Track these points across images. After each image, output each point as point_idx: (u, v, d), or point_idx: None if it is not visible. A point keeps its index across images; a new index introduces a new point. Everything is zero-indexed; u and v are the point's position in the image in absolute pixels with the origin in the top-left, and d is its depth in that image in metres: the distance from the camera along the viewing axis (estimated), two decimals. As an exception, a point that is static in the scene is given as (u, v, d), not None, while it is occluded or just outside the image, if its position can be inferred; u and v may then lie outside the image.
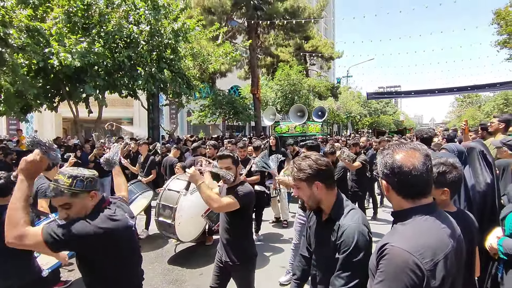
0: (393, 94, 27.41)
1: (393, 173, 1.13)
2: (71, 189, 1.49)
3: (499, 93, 35.39)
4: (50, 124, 19.74)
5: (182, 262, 4.42)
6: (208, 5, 17.06)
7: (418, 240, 1.05)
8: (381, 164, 1.19)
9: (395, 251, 1.04)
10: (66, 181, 1.49)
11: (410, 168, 1.11)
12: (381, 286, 1.05)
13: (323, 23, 50.95)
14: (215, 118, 18.23)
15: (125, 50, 8.25)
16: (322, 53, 24.04)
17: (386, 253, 1.06)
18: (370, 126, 38.25)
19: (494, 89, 22.54)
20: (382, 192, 7.20)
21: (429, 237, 1.07)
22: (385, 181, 1.18)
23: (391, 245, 1.06)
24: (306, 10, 19.21)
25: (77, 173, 1.53)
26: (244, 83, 23.67)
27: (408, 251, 1.01)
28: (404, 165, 1.11)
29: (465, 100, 57.05)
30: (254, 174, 4.89)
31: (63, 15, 7.49)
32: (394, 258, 1.03)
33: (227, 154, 2.46)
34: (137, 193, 5.23)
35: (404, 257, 1.01)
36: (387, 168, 1.15)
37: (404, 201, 1.16)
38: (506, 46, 19.84)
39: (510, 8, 17.91)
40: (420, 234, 1.07)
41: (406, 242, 1.04)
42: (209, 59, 12.31)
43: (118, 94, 9.22)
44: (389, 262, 1.04)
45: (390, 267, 1.03)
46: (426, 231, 1.09)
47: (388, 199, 1.23)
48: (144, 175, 5.87)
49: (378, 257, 1.10)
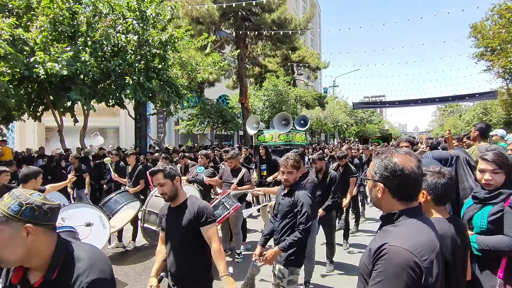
0: (378, 104, 28.11)
1: (394, 175, 1.16)
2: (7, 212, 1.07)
3: (478, 103, 36.80)
4: (33, 133, 19.20)
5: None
6: (197, 15, 17.21)
7: (415, 240, 1.08)
8: (379, 167, 1.21)
9: (395, 250, 1.05)
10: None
11: (410, 171, 1.15)
12: (380, 286, 1.05)
13: (310, 34, 52.12)
14: (204, 127, 18.19)
15: (114, 59, 8.19)
16: (309, 63, 24.49)
17: (385, 253, 1.07)
18: (356, 135, 38.93)
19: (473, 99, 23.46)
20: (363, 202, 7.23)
21: (422, 237, 1.10)
22: (382, 183, 1.19)
23: (390, 245, 1.07)
24: (293, 22, 19.63)
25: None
26: (232, 92, 23.79)
27: (408, 250, 1.04)
28: (405, 168, 1.16)
29: (446, 110, 59.00)
30: (246, 183, 4.90)
31: (48, 23, 7.39)
32: (394, 257, 1.04)
33: (157, 170, 2.21)
34: (122, 203, 5.11)
35: (405, 255, 1.03)
36: (388, 171, 1.18)
37: (397, 203, 1.19)
38: (483, 58, 20.77)
39: (486, 22, 18.84)
40: (414, 234, 1.10)
41: (405, 242, 1.07)
42: (197, 69, 12.35)
43: (104, 103, 9.10)
44: (389, 261, 1.05)
45: (390, 267, 1.04)
46: (419, 231, 1.13)
47: (378, 203, 1.25)
48: (131, 185, 5.77)
49: (375, 258, 1.10)
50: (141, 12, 8.48)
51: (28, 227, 1.09)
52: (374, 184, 1.23)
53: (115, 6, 8.24)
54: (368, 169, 1.31)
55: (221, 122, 18.11)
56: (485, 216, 1.98)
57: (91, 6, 8.16)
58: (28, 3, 7.42)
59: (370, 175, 1.26)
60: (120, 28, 8.40)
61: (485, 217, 1.97)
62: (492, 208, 1.96)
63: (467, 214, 2.12)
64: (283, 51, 22.74)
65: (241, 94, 19.21)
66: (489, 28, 18.69)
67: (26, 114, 8.55)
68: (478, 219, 2.01)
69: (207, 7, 16.73)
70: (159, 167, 2.24)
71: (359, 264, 1.23)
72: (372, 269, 1.10)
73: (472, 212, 2.07)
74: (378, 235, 1.22)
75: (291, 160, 2.65)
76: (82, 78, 8.02)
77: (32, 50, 7.08)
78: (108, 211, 4.97)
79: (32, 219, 1.10)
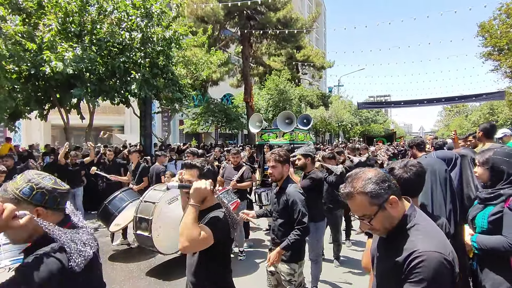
0: (384, 104, 27.94)
1: (389, 179, 1.24)
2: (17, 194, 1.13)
3: (485, 103, 36.38)
4: (39, 131, 19.42)
5: (163, 275, 4.19)
6: (202, 14, 17.25)
7: (437, 239, 1.15)
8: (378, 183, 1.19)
9: (429, 255, 1.09)
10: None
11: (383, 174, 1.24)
12: None
13: (315, 34, 51.91)
14: (208, 126, 18.22)
15: (119, 56, 8.24)
16: (314, 62, 24.40)
17: (421, 260, 1.09)
18: (361, 134, 38.72)
19: (480, 100, 23.20)
20: None
21: (439, 233, 1.20)
22: (392, 194, 1.20)
23: (421, 252, 1.10)
24: (299, 21, 19.59)
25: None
26: (236, 91, 23.81)
27: (438, 251, 1.10)
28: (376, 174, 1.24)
29: (452, 110, 58.38)
30: (246, 180, 4.91)
31: (56, 22, 7.46)
32: (430, 262, 1.08)
33: (193, 165, 1.84)
34: (127, 200, 5.15)
35: (437, 257, 1.09)
36: (383, 180, 1.21)
37: (402, 205, 1.25)
38: (490, 58, 20.50)
39: (493, 21, 18.59)
40: (434, 233, 1.18)
41: (431, 244, 1.12)
42: (201, 66, 12.38)
43: (110, 101, 9.16)
44: (426, 267, 1.08)
45: (429, 272, 1.08)
46: (434, 229, 1.21)
47: (393, 220, 1.21)
48: (135, 183, 5.79)
49: (407, 267, 1.12)
50: (145, 9, 8.52)
51: (39, 210, 1.15)
52: (383, 208, 1.19)
53: (119, 4, 8.28)
54: (360, 211, 1.22)
55: (226, 121, 18.13)
56: (485, 216, 2.00)
57: (96, 5, 8.22)
58: (40, 1, 7.49)
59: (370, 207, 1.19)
60: (124, 26, 8.45)
61: (485, 217, 2.00)
62: (493, 209, 1.97)
63: (471, 214, 2.15)
64: (288, 50, 22.69)
65: (245, 93, 19.22)
66: (497, 28, 18.44)
67: (34, 112, 8.64)
68: (480, 219, 2.04)
69: (212, 5, 16.76)
70: (196, 163, 1.85)
71: (376, 270, 1.30)
72: (407, 280, 1.12)
73: (475, 212, 2.10)
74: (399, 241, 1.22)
75: (274, 154, 2.65)
76: (88, 76, 8.09)
77: (39, 48, 7.15)
78: (114, 209, 5.03)
79: (42, 203, 1.16)
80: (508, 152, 2.05)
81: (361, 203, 1.17)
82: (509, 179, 1.96)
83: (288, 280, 2.61)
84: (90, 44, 7.98)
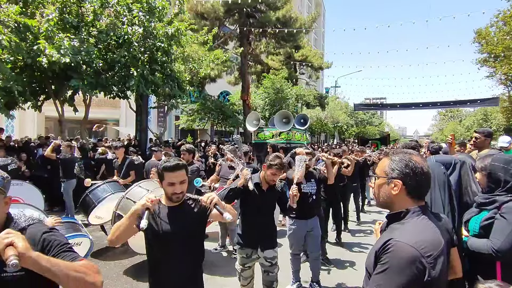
0: (380, 106, 28.10)
1: (414, 173, 1.20)
2: None
3: (478, 109, 36.83)
4: (32, 122, 19.14)
5: (140, 275, 3.98)
6: (201, 11, 17.13)
7: (419, 236, 1.10)
8: (399, 164, 1.23)
9: (399, 246, 1.08)
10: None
11: (427, 171, 1.21)
12: (382, 276, 1.08)
13: (314, 34, 51.95)
14: (204, 123, 18.16)
15: (118, 50, 8.15)
16: (312, 62, 24.43)
17: (390, 247, 1.09)
18: (356, 136, 38.95)
19: (475, 105, 23.51)
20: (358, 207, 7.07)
21: (427, 234, 1.14)
22: (401, 180, 1.21)
23: (395, 240, 1.10)
24: (298, 21, 19.56)
25: None
26: (234, 88, 23.73)
27: (412, 245, 1.06)
28: (424, 167, 1.21)
29: (447, 115, 59.06)
30: None
31: (55, 12, 7.35)
32: (399, 252, 1.07)
33: (182, 165, 1.82)
34: (109, 192, 4.90)
35: (409, 251, 1.06)
36: (409, 168, 1.21)
37: (410, 201, 1.22)
38: (486, 64, 20.75)
39: (490, 28, 18.80)
40: (420, 231, 1.13)
41: (409, 238, 1.09)
42: (200, 64, 12.31)
43: (103, 95, 9.05)
44: (394, 255, 1.07)
45: (394, 260, 1.07)
46: (424, 228, 1.16)
47: (389, 201, 1.25)
48: (121, 177, 5.66)
49: (380, 252, 1.13)
50: (148, 4, 8.44)
51: (7, 198, 1.25)
52: (389, 181, 1.24)
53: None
54: (379, 168, 1.32)
55: (222, 118, 18.08)
56: (478, 221, 2.04)
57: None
58: None
59: (384, 173, 1.27)
60: (125, 20, 8.35)
61: (478, 222, 2.04)
62: (487, 214, 2.00)
63: (465, 217, 2.20)
64: (287, 50, 22.67)
65: (243, 91, 19.17)
66: (494, 35, 18.67)
67: (28, 103, 8.51)
68: (473, 223, 2.09)
69: (212, 2, 16.67)
70: (182, 162, 1.85)
71: (366, 260, 1.26)
72: (378, 261, 1.13)
73: (469, 216, 2.14)
74: (385, 232, 1.24)
75: (278, 164, 2.91)
76: (85, 69, 7.99)
77: (36, 38, 7.03)
78: (94, 199, 4.82)
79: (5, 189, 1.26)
80: (507, 159, 2.07)
81: (383, 163, 1.31)
82: (506, 186, 1.98)
83: (275, 263, 2.92)
84: (88, 36, 7.88)
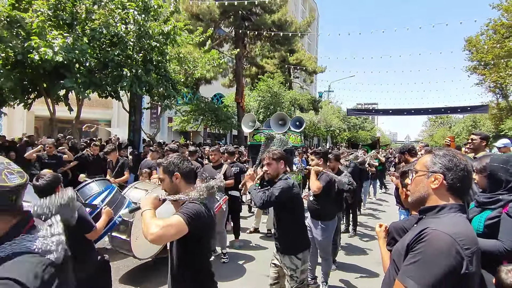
0: (372, 111, 28.39)
1: (458, 168, 1.18)
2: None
3: (468, 116, 37.56)
4: (21, 121, 18.70)
5: (137, 281, 3.89)
6: (197, 12, 17.09)
7: (457, 228, 1.06)
8: (442, 159, 1.21)
9: (437, 234, 1.03)
10: None
11: (469, 170, 1.19)
12: (416, 267, 1.02)
13: (307, 39, 52.38)
14: (197, 124, 18.04)
15: (112, 49, 8.01)
16: (306, 66, 24.61)
17: (426, 236, 1.05)
18: (348, 140, 39.21)
19: (465, 112, 23.93)
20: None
21: (466, 228, 1.10)
22: (443, 175, 1.19)
23: (432, 229, 1.05)
24: (293, 24, 19.69)
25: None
26: (228, 91, 23.68)
27: (451, 235, 1.02)
28: (467, 166, 1.19)
29: (437, 121, 60.06)
30: (229, 178, 4.83)
31: (47, 8, 7.18)
32: (436, 240, 1.02)
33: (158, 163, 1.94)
34: (99, 190, 4.54)
35: (447, 240, 1.01)
36: (453, 163, 1.19)
37: (449, 198, 1.19)
38: (475, 72, 21.20)
39: (480, 36, 19.24)
40: (457, 223, 1.10)
41: (448, 228, 1.05)
42: (196, 65, 12.22)
43: (98, 94, 8.89)
44: (429, 243, 1.03)
45: (430, 249, 1.02)
46: (462, 223, 1.12)
47: (426, 194, 1.22)
48: (113, 177, 5.61)
49: (413, 241, 1.08)
50: (143, 3, 8.34)
51: None
52: (429, 175, 1.21)
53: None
54: (420, 163, 1.30)
55: (215, 121, 18.00)
56: (482, 220, 2.03)
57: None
58: None
59: (425, 167, 1.24)
60: (119, 18, 8.23)
61: (482, 221, 2.02)
62: (491, 213, 2.00)
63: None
64: (281, 53, 22.80)
65: (237, 93, 19.15)
66: (484, 43, 19.10)
67: (18, 101, 8.29)
68: (476, 222, 2.06)
69: (208, 3, 16.64)
70: (161, 160, 2.02)
71: (393, 251, 1.22)
72: (410, 251, 1.07)
73: (472, 215, 2.12)
74: (417, 225, 1.20)
75: (268, 153, 2.84)
76: (78, 67, 7.83)
77: (28, 35, 6.87)
78: (83, 197, 4.70)
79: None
80: (505, 159, 2.08)
81: (424, 158, 1.30)
82: (508, 186, 1.99)
83: (290, 275, 2.64)
84: (82, 34, 7.73)
